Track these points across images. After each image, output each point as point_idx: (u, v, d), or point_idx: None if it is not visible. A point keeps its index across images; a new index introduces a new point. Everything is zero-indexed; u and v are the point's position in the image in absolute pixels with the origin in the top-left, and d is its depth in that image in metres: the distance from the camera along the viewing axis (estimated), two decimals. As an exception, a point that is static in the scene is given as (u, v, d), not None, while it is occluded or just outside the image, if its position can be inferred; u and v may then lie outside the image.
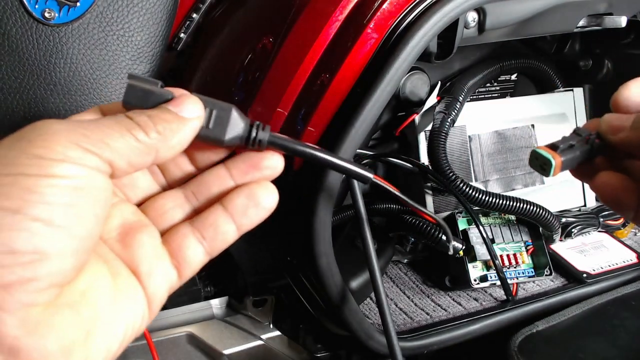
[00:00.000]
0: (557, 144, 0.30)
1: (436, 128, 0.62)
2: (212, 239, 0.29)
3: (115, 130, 0.25)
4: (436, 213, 0.64)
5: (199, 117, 0.28)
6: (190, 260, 0.29)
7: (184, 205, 0.31)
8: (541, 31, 0.55)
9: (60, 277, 0.23)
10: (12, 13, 0.41)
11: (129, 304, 0.27)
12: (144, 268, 0.27)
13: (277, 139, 0.30)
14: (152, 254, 0.28)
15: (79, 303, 0.24)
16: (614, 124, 0.31)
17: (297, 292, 0.54)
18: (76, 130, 0.24)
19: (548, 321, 0.57)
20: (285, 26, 0.46)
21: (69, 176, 0.23)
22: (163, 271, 0.28)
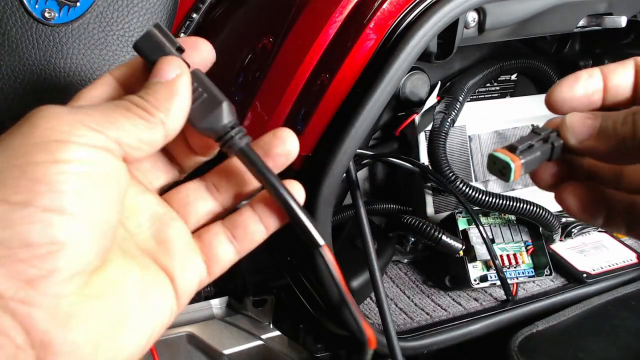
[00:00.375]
0: (516, 145, 0.28)
1: (436, 128, 0.62)
2: (242, 239, 0.30)
3: (117, 112, 0.25)
4: (436, 213, 0.64)
5: (183, 74, 0.27)
6: (220, 258, 0.29)
7: (206, 197, 0.31)
8: (541, 31, 0.55)
9: (82, 265, 0.23)
10: (12, 13, 0.41)
11: (158, 297, 0.26)
12: (176, 263, 0.27)
13: (249, 153, 0.29)
14: (184, 249, 0.28)
15: (108, 294, 0.24)
16: (578, 130, 0.28)
17: (297, 292, 0.54)
18: (79, 111, 0.24)
19: (548, 321, 0.57)
20: (285, 26, 0.46)
21: (78, 160, 0.23)
22: (194, 266, 0.28)
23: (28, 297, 0.21)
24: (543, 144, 0.28)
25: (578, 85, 0.29)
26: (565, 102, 0.29)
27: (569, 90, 0.29)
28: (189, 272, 0.28)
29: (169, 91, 0.27)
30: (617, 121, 0.27)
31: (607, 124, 0.27)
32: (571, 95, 0.29)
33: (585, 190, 0.30)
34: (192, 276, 0.28)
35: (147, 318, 0.26)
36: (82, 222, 0.22)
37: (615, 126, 0.27)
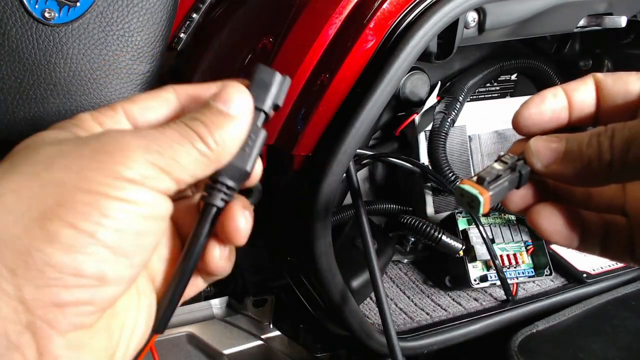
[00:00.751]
0: (483, 177, 0.27)
1: (436, 128, 0.62)
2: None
3: (181, 145, 0.25)
4: (436, 213, 0.64)
5: (248, 111, 0.27)
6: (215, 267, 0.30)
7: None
8: (541, 31, 0.55)
9: (111, 302, 0.23)
10: (12, 13, 0.41)
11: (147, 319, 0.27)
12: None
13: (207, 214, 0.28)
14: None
15: (112, 326, 0.25)
16: (542, 155, 0.27)
17: (297, 292, 0.54)
18: (151, 147, 0.24)
19: (548, 321, 0.57)
20: (285, 26, 0.46)
21: (143, 203, 0.23)
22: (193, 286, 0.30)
23: (55, 321, 0.21)
24: (511, 172, 0.28)
25: (544, 105, 0.28)
26: (533, 123, 0.29)
27: (537, 111, 0.28)
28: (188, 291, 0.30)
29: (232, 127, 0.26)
30: (582, 143, 0.26)
31: (572, 147, 0.26)
32: (539, 115, 0.28)
33: (557, 212, 0.29)
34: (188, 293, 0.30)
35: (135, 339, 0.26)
36: (129, 265, 0.23)
37: (580, 148, 0.26)
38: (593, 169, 0.25)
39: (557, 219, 0.29)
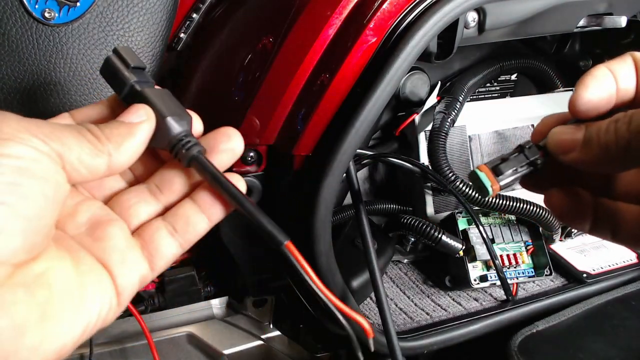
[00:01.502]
0: (501, 169, 0.29)
1: (436, 128, 0.62)
2: (184, 231, 0.30)
3: (67, 131, 0.26)
4: (436, 213, 0.64)
5: (147, 121, 0.29)
6: (162, 252, 0.29)
7: (148, 199, 0.31)
8: (541, 31, 0.55)
9: (8, 255, 0.23)
10: (12, 13, 0.41)
11: (94, 292, 0.27)
12: (114, 258, 0.28)
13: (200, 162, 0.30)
14: (122, 245, 0.28)
15: (34, 284, 0.24)
16: (563, 143, 0.28)
17: (297, 292, 0.54)
18: (30, 121, 0.25)
19: (548, 321, 0.57)
20: (285, 26, 0.46)
21: (16, 156, 0.23)
22: (134, 262, 0.28)
23: None
24: (528, 166, 0.29)
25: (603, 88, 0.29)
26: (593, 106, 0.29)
27: (596, 94, 0.29)
28: (128, 267, 0.28)
29: (127, 131, 0.28)
30: (600, 130, 0.27)
31: (591, 135, 0.27)
32: (597, 99, 0.29)
33: (572, 196, 0.30)
34: (131, 270, 0.28)
35: (81, 310, 0.26)
36: (14, 214, 0.23)
37: (598, 135, 0.27)
38: (611, 155, 0.26)
39: (570, 202, 0.30)
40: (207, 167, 0.30)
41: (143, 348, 0.58)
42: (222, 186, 0.29)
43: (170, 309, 0.63)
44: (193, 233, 0.30)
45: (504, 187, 0.29)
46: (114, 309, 0.28)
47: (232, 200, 0.29)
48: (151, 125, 0.29)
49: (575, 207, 0.30)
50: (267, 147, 0.48)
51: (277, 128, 0.47)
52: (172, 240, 0.30)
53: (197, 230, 0.30)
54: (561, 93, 0.70)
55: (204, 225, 0.30)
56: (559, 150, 0.29)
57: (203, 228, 0.30)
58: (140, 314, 0.57)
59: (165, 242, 0.29)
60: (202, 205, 0.30)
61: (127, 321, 0.60)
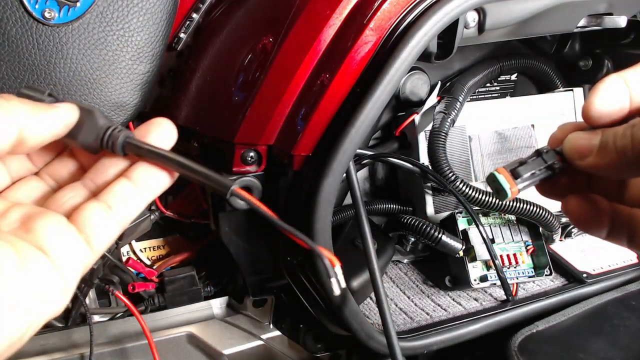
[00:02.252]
0: (519, 172, 0.30)
1: (436, 128, 0.62)
2: (120, 207, 0.30)
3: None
4: (436, 213, 0.64)
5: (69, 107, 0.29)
6: (99, 230, 0.29)
7: (83, 191, 0.31)
8: (541, 31, 0.55)
9: None
10: (12, 13, 0.41)
11: (37, 277, 0.26)
12: (50, 244, 0.27)
13: (132, 142, 0.30)
14: (56, 231, 0.28)
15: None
16: (579, 148, 0.29)
17: (297, 292, 0.54)
18: None
19: (548, 321, 0.57)
20: (285, 26, 0.46)
21: None
22: (71, 245, 0.28)
23: None
24: (546, 170, 0.30)
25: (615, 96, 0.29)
26: (605, 114, 0.29)
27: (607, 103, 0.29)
28: (65, 250, 0.28)
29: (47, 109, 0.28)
30: (616, 135, 0.27)
31: (607, 139, 0.27)
32: (609, 107, 0.29)
33: (589, 203, 0.31)
34: (71, 255, 0.28)
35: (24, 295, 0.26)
36: None
37: (615, 140, 0.27)
38: (627, 160, 0.26)
39: (587, 209, 0.31)
40: (140, 145, 0.30)
41: (143, 348, 0.58)
42: (160, 156, 0.30)
43: (170, 309, 0.63)
44: (130, 208, 0.30)
45: (522, 189, 0.30)
46: (60, 295, 0.27)
47: (174, 165, 0.30)
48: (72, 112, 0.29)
49: (593, 214, 0.31)
50: (267, 147, 0.48)
51: (277, 128, 0.47)
52: (108, 218, 0.29)
53: (134, 205, 0.30)
54: (561, 93, 0.70)
55: (140, 199, 0.30)
56: (575, 155, 0.29)
57: (140, 203, 0.30)
58: (140, 314, 0.57)
59: (100, 220, 0.29)
60: (138, 180, 0.30)
61: (127, 321, 0.60)
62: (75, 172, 0.32)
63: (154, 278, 0.65)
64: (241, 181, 0.31)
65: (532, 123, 0.67)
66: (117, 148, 0.30)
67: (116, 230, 0.30)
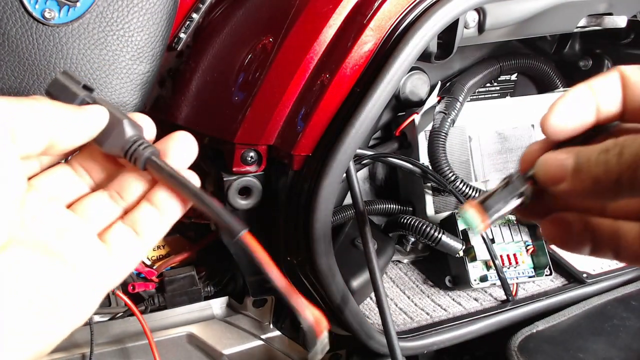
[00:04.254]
0: (489, 205, 0.28)
1: (436, 128, 0.62)
2: (145, 233, 0.30)
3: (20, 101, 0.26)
4: (436, 213, 0.64)
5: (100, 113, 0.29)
6: (129, 256, 0.30)
7: (109, 204, 0.31)
8: (541, 31, 0.56)
9: None
10: (12, 13, 0.41)
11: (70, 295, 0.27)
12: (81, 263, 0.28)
13: (155, 163, 0.30)
14: (88, 248, 0.29)
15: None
16: (552, 174, 0.27)
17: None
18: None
19: (548, 321, 0.57)
20: (285, 26, 0.46)
21: None
22: (102, 267, 0.29)
23: None
24: (517, 197, 0.29)
25: (573, 109, 0.28)
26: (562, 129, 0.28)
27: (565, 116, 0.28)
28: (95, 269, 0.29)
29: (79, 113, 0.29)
30: (590, 160, 0.25)
31: (580, 164, 0.26)
32: (568, 120, 0.28)
33: (564, 226, 0.29)
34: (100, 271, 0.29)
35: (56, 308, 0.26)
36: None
37: (589, 166, 0.25)
38: (602, 187, 0.25)
39: (564, 232, 0.29)
40: (162, 166, 0.30)
41: (143, 348, 0.58)
42: (178, 183, 0.30)
43: (170, 309, 0.63)
44: (154, 234, 0.31)
45: (494, 221, 0.29)
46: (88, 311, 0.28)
47: (189, 195, 0.30)
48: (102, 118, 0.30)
49: (570, 236, 0.29)
50: (267, 147, 0.48)
51: (277, 128, 0.47)
52: (137, 242, 0.30)
53: (157, 230, 0.31)
54: (561, 93, 0.70)
55: (163, 225, 0.31)
56: (548, 181, 0.27)
57: (163, 228, 0.31)
58: (140, 314, 0.57)
59: (130, 246, 0.30)
60: (159, 205, 0.31)
61: (127, 321, 0.60)
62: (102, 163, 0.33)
63: (154, 278, 0.65)
64: (241, 181, 0.31)
65: (532, 123, 0.67)
66: (139, 164, 0.30)
67: (143, 254, 0.31)
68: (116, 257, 0.30)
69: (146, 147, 0.30)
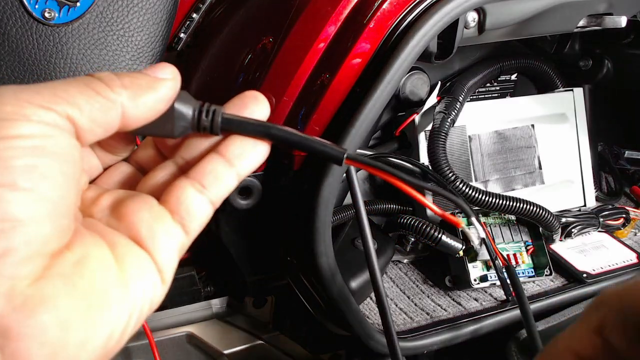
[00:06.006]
0: None
1: (436, 128, 0.62)
2: (213, 186, 0.27)
3: (73, 86, 0.23)
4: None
5: (174, 78, 0.26)
6: (193, 212, 0.27)
7: (174, 169, 0.29)
8: (541, 31, 0.56)
9: (40, 244, 0.21)
10: (12, 13, 0.41)
11: (136, 272, 0.24)
12: (144, 232, 0.25)
13: (231, 120, 0.28)
14: (149, 216, 0.26)
15: (73, 273, 0.22)
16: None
17: (297, 292, 0.54)
18: (27, 89, 0.22)
19: (548, 321, 0.57)
20: (286, 26, 0.46)
21: (26, 135, 0.21)
22: (166, 230, 0.26)
23: None
24: None
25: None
26: None
27: None
28: (162, 238, 0.26)
29: (148, 84, 0.25)
30: None
31: None
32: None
33: None
34: (167, 242, 0.26)
35: (126, 295, 0.24)
36: (37, 199, 0.21)
37: None
38: None
39: None
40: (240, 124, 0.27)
41: (143, 348, 0.58)
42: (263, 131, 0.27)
43: (170, 309, 0.63)
44: (223, 188, 0.28)
45: None
46: (159, 288, 0.26)
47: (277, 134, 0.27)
48: (176, 85, 0.27)
49: None
50: (267, 147, 0.48)
51: (277, 128, 0.47)
52: (202, 198, 0.27)
53: (227, 184, 0.28)
54: (561, 93, 0.70)
55: (233, 179, 0.28)
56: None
57: (233, 182, 0.28)
58: (140, 314, 0.57)
59: (194, 201, 0.27)
60: (232, 156, 0.28)
61: (127, 321, 0.60)
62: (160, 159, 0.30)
63: (154, 278, 0.65)
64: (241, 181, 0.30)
65: (532, 123, 0.67)
66: (216, 128, 0.27)
67: (209, 211, 0.28)
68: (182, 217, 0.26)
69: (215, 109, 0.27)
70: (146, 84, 0.25)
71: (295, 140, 0.28)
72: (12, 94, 0.22)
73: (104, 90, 0.24)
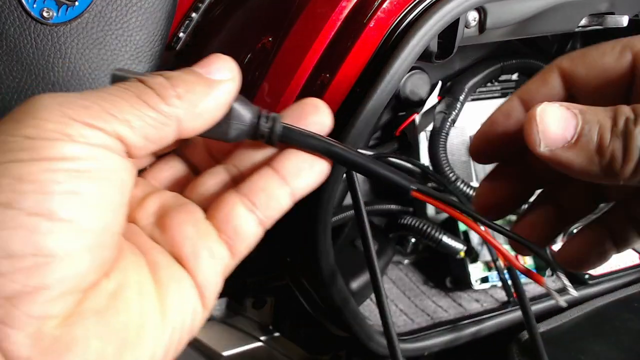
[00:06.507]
0: None
1: (436, 128, 0.62)
2: (264, 206, 0.25)
3: (124, 99, 0.21)
4: (437, 214, 0.64)
5: (233, 79, 0.24)
6: (242, 233, 0.25)
7: (225, 177, 0.27)
8: (542, 30, 0.55)
9: (76, 281, 0.19)
10: (10, 12, 0.40)
11: (176, 300, 0.22)
12: (187, 250, 0.23)
13: (292, 133, 0.25)
14: (194, 232, 0.24)
15: (108, 308, 0.20)
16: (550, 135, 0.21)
17: (297, 293, 0.54)
18: (73, 102, 0.20)
19: (549, 323, 0.56)
20: (285, 25, 0.46)
21: (69, 157, 0.19)
22: (211, 250, 0.24)
23: (8, 317, 0.18)
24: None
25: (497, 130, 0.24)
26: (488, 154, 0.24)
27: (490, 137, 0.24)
28: (206, 258, 0.23)
29: (204, 89, 0.23)
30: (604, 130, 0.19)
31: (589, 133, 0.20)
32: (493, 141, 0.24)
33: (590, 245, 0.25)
34: (210, 262, 0.24)
35: (163, 324, 0.22)
36: (77, 231, 0.19)
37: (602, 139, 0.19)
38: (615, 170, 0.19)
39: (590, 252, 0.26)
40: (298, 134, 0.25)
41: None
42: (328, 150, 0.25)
43: (169, 310, 0.63)
44: (276, 208, 0.25)
45: None
46: (199, 315, 0.24)
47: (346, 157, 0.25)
48: (236, 86, 0.24)
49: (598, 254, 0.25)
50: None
51: (276, 128, 0.47)
52: (252, 217, 0.25)
53: (280, 204, 0.25)
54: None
55: (286, 199, 0.26)
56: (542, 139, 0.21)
57: (286, 202, 0.26)
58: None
59: (243, 220, 0.24)
60: (286, 175, 0.25)
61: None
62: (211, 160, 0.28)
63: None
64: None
65: (533, 123, 0.67)
66: (275, 138, 0.25)
67: (259, 232, 0.25)
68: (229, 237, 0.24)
69: (275, 118, 0.25)
70: (203, 90, 0.23)
71: (360, 164, 0.26)
72: (56, 108, 0.20)
73: (157, 104, 0.21)
